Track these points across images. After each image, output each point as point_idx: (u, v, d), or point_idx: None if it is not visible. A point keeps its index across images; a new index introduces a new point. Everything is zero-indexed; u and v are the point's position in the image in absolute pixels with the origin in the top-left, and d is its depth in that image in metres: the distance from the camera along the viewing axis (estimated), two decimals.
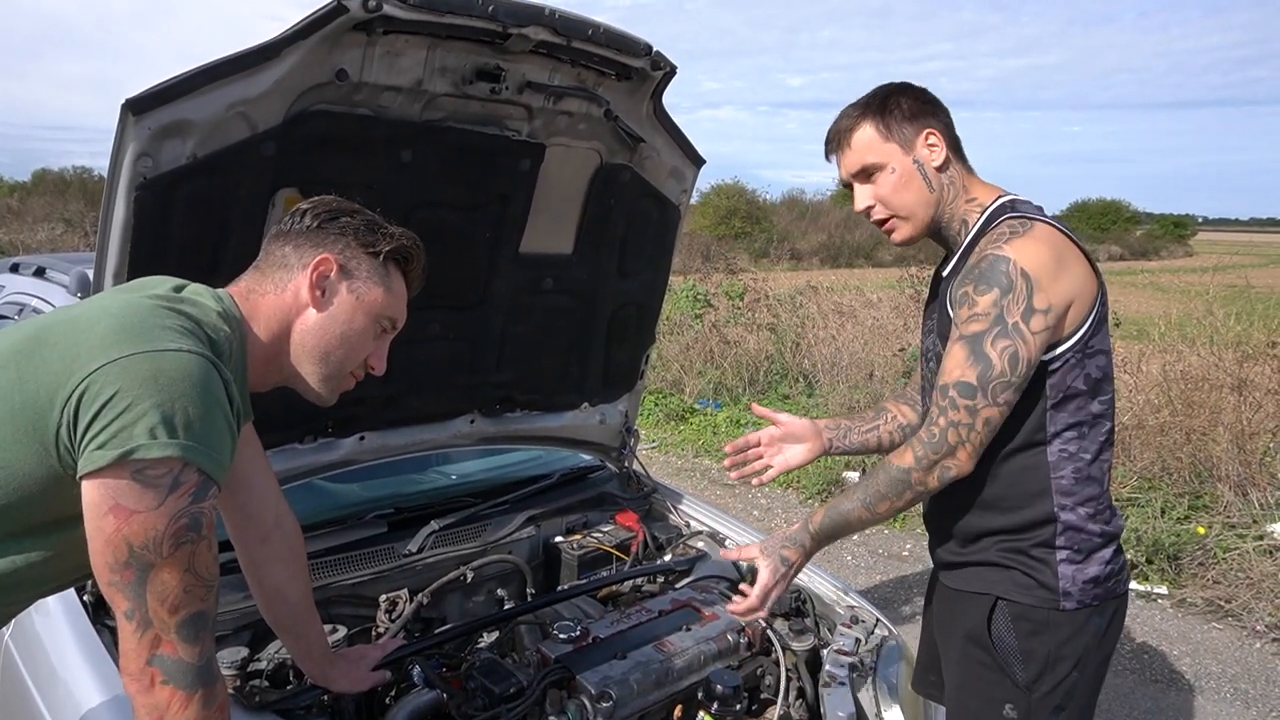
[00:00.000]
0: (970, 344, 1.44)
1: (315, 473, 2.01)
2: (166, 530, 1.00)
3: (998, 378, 1.43)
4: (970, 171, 1.61)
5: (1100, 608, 1.54)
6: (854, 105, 1.61)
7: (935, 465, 1.48)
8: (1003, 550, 1.56)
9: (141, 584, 1.01)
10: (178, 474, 1.00)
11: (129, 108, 1.38)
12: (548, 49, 1.77)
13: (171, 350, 1.03)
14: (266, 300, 1.25)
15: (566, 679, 1.64)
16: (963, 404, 1.44)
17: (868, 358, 7.61)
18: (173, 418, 1.00)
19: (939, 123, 1.57)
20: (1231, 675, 3.55)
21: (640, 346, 2.52)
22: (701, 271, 11.10)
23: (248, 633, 1.76)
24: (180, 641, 1.03)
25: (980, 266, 1.45)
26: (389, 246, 1.29)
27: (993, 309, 1.42)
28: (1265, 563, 4.10)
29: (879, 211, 1.60)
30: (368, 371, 1.36)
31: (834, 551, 4.83)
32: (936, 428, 1.47)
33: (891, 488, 1.53)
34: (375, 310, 1.30)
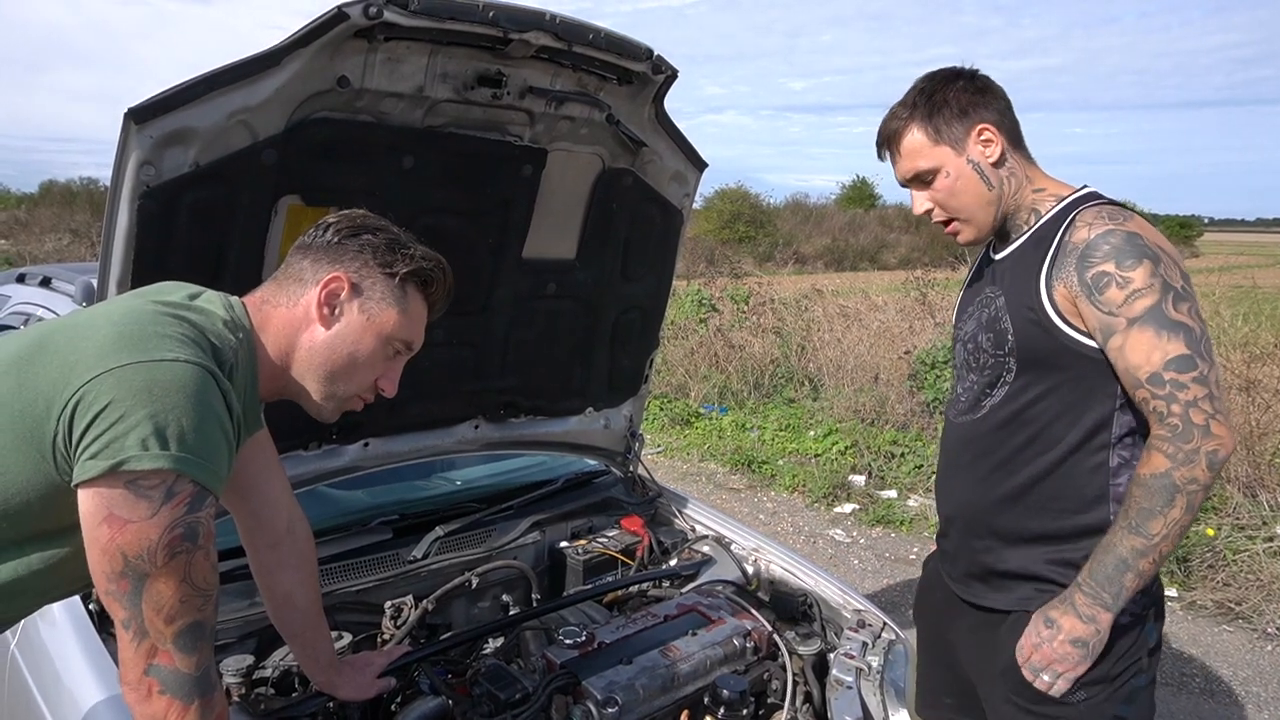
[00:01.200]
0: (1151, 320, 1.31)
1: (320, 479, 2.01)
2: (160, 540, 1.00)
3: (1202, 335, 1.32)
4: (1033, 162, 1.54)
5: (1150, 621, 1.47)
6: (901, 103, 1.53)
7: (1197, 453, 1.30)
8: (1050, 562, 1.46)
9: (137, 594, 1.01)
10: (171, 485, 1.00)
11: (131, 116, 1.39)
12: (549, 54, 1.77)
13: (168, 360, 1.03)
14: (278, 313, 1.25)
15: (572, 685, 1.64)
16: (1188, 379, 1.30)
17: (873, 361, 7.59)
18: (165, 429, 0.99)
19: (992, 114, 1.48)
20: (1243, 678, 3.52)
21: (644, 351, 2.51)
22: (706, 276, 11.10)
23: (253, 640, 1.76)
24: (177, 651, 1.03)
25: (1110, 242, 1.35)
26: (406, 268, 1.26)
27: (1153, 279, 1.32)
28: (1275, 564, 4.07)
29: (939, 214, 1.55)
30: (377, 394, 1.33)
31: (841, 556, 4.81)
32: (1175, 418, 1.30)
33: (1155, 499, 1.32)
34: (387, 332, 1.26)
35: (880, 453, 6.10)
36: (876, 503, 5.51)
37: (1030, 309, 1.43)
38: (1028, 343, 1.45)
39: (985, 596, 1.56)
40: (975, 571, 1.58)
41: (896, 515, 5.31)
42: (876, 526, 5.23)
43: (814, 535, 5.12)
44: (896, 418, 6.66)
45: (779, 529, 5.20)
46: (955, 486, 1.63)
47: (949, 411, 1.68)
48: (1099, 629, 1.38)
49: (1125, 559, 1.35)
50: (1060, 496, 1.45)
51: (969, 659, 1.63)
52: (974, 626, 1.60)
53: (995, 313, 1.51)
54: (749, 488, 6.02)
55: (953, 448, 1.65)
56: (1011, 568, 1.51)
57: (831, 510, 5.50)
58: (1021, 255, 1.50)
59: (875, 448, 6.16)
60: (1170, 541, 1.33)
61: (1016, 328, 1.46)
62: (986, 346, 1.52)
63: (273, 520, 1.48)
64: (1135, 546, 1.34)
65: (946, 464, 1.67)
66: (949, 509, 1.65)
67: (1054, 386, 1.44)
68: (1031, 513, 1.48)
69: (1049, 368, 1.44)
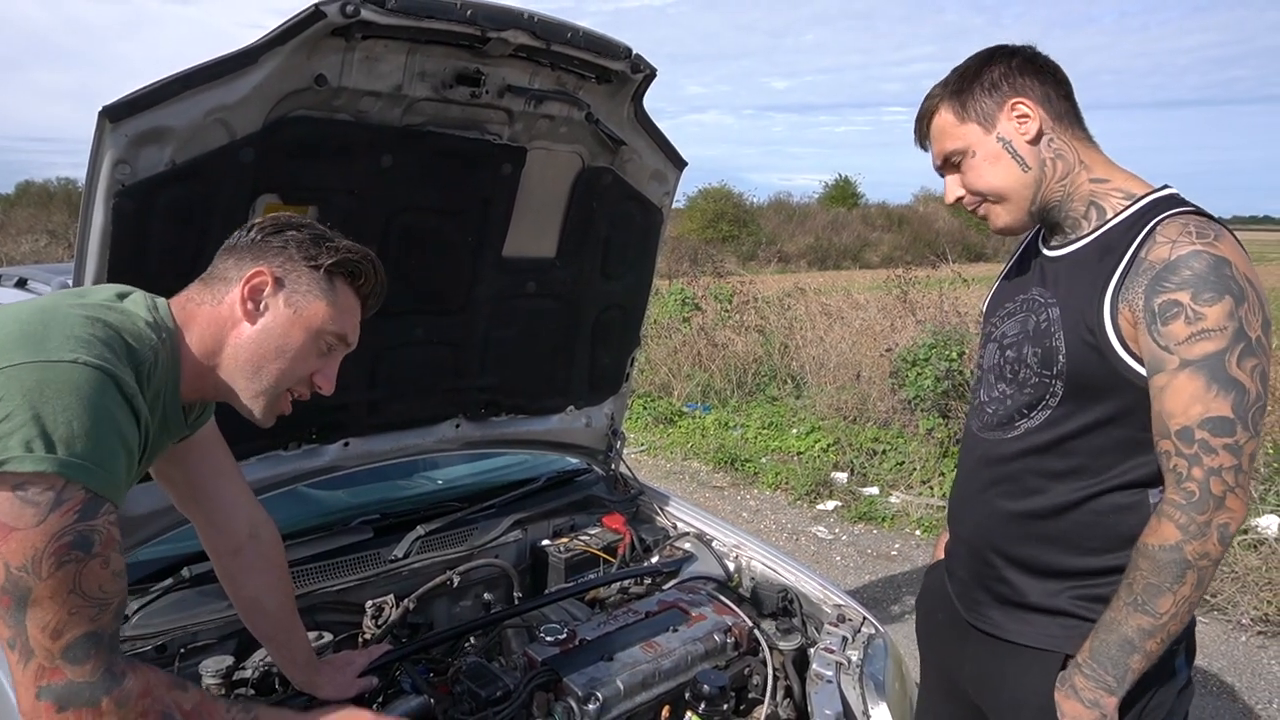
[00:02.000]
0: (1206, 368, 1.17)
1: (300, 479, 2.00)
2: (46, 549, 0.95)
3: (1254, 403, 1.17)
4: (1093, 146, 1.37)
5: (1181, 653, 1.36)
6: (941, 82, 1.42)
7: (1209, 526, 1.18)
8: (1076, 598, 1.34)
9: (20, 611, 0.95)
10: (59, 491, 0.96)
11: (106, 115, 1.38)
12: (527, 53, 1.77)
13: (66, 361, 0.99)
14: (203, 311, 1.22)
15: (554, 681, 1.64)
16: (1220, 444, 1.17)
17: (855, 359, 7.64)
18: (52, 432, 0.96)
19: (1036, 89, 1.34)
20: (1218, 669, 3.58)
21: (625, 349, 2.52)
22: (689, 275, 11.12)
23: (233, 641, 1.75)
24: (67, 665, 0.97)
25: (1193, 268, 1.18)
26: (331, 260, 1.24)
27: (1229, 322, 1.16)
28: (1250, 556, 4.14)
29: (969, 200, 1.41)
30: (315, 391, 1.30)
31: (823, 552, 4.84)
32: (1193, 483, 1.18)
33: (1164, 575, 1.20)
34: (315, 325, 1.24)
35: (862, 450, 6.14)
36: (859, 500, 5.54)
37: (1090, 330, 1.27)
38: (1081, 368, 1.30)
39: (1001, 626, 1.44)
40: (989, 599, 1.46)
41: (878, 512, 5.34)
42: (859, 523, 5.26)
43: (797, 532, 5.14)
44: (878, 415, 6.71)
45: (762, 526, 5.23)
46: (972, 507, 1.50)
47: (972, 422, 1.54)
48: (1105, 713, 1.28)
49: (1131, 639, 1.24)
50: (1093, 536, 1.32)
51: (976, 686, 1.52)
52: (983, 654, 1.48)
53: (1046, 325, 1.35)
54: (732, 486, 6.04)
55: (974, 465, 1.51)
56: (1033, 601, 1.39)
57: (814, 507, 5.53)
58: (1082, 261, 1.33)
59: (857, 445, 6.20)
60: (1179, 621, 1.22)
61: (1070, 349, 1.30)
62: (1031, 362, 1.36)
63: (231, 526, 1.46)
64: (1142, 626, 1.23)
65: (965, 481, 1.54)
66: (964, 530, 1.53)
67: (1104, 419, 1.30)
68: (1058, 547, 1.36)
69: (1101, 398, 1.29)
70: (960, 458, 1.59)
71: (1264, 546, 4.16)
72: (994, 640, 1.46)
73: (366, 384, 2.01)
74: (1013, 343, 1.42)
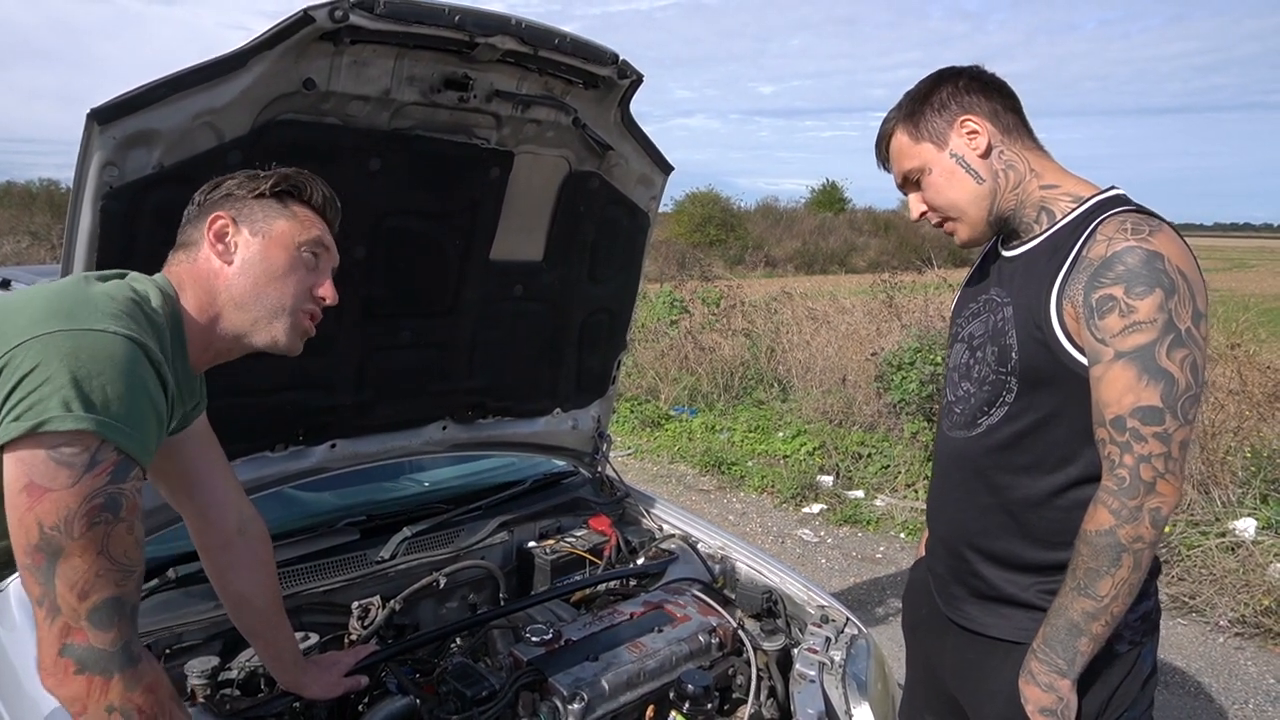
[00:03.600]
0: (1139, 359, 1.22)
1: (286, 481, 2.01)
2: (79, 510, 0.98)
3: (1184, 393, 1.22)
4: (1043, 155, 1.43)
5: (1148, 643, 1.42)
6: (895, 106, 1.48)
7: (1141, 510, 1.23)
8: (1043, 591, 1.39)
9: (51, 569, 0.99)
10: (94, 451, 1.00)
11: (94, 117, 1.38)
12: (515, 58, 1.79)
13: (97, 330, 1.03)
14: (185, 270, 1.28)
15: (539, 681, 1.65)
16: (1149, 432, 1.22)
17: (841, 363, 7.68)
18: (90, 393, 0.99)
19: (983, 106, 1.40)
20: (1196, 669, 3.62)
21: (612, 352, 2.54)
22: (677, 279, 11.15)
23: (219, 642, 1.75)
24: (92, 629, 1.01)
25: (1126, 263, 1.23)
26: (270, 184, 1.31)
27: (1159, 314, 1.21)
28: (1228, 559, 4.19)
29: (932, 216, 1.48)
30: (321, 304, 1.35)
31: (809, 555, 4.87)
32: (1124, 470, 1.24)
33: (1101, 559, 1.26)
34: (288, 240, 1.30)
35: (848, 453, 6.17)
36: (844, 503, 5.57)
37: (1038, 326, 1.33)
38: (1032, 363, 1.35)
39: (976, 620, 1.49)
40: (965, 594, 1.51)
41: (864, 515, 5.38)
42: (844, 526, 5.29)
43: (783, 535, 5.17)
44: (864, 419, 6.75)
45: (748, 529, 5.25)
46: (946, 505, 1.56)
47: (942, 422, 1.59)
48: (1061, 696, 1.33)
49: (1076, 623, 1.29)
50: (1063, 531, 1.35)
51: (956, 679, 1.57)
52: (961, 646, 1.53)
53: (1001, 324, 1.41)
54: (718, 489, 6.06)
55: (946, 464, 1.56)
56: (1005, 594, 1.44)
57: (800, 510, 5.56)
58: (1033, 260, 1.39)
59: (843, 448, 6.23)
60: (1121, 602, 1.27)
61: (1022, 346, 1.36)
62: (990, 360, 1.42)
63: (222, 520, 1.48)
64: (1085, 609, 1.28)
65: (939, 480, 1.60)
66: (940, 528, 1.58)
67: (1057, 412, 1.35)
68: (1026, 541, 1.41)
69: (1052, 391, 1.35)
70: (934, 457, 1.63)
71: (1241, 549, 4.21)
72: (970, 634, 1.51)
73: (354, 386, 2.02)
74: (980, 342, 1.47)
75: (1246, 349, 5.45)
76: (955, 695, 1.58)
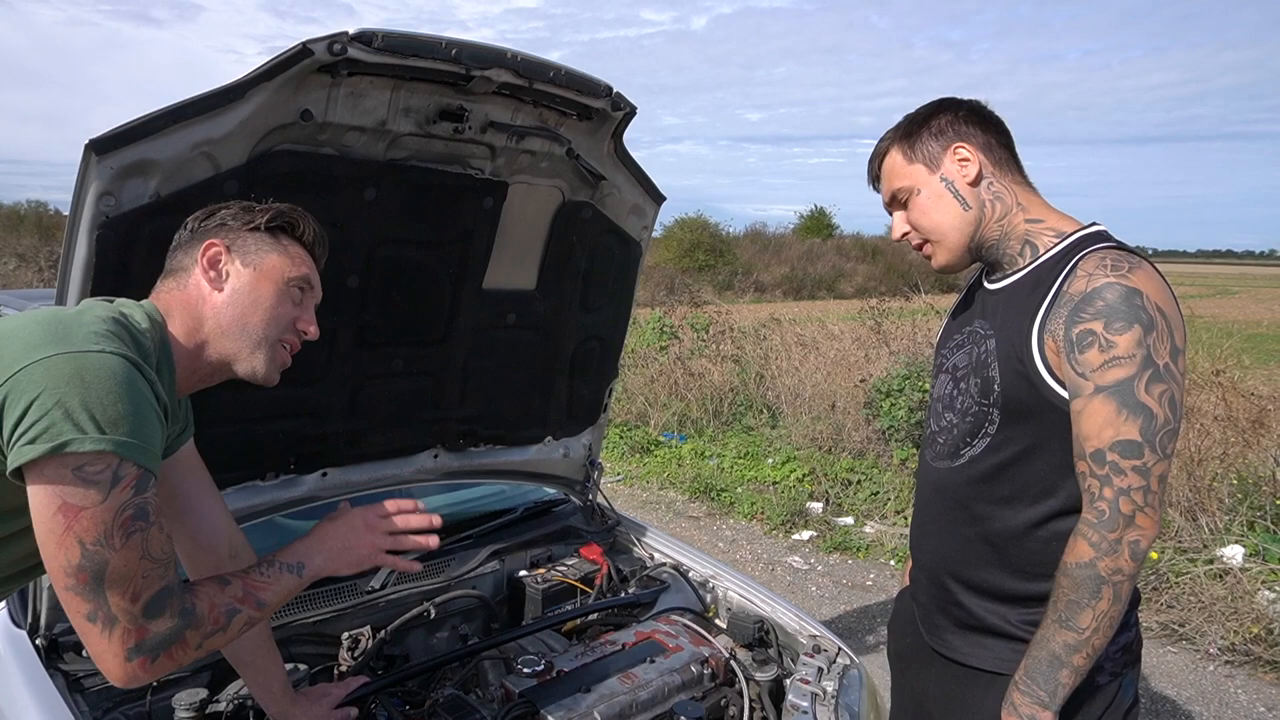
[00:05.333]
0: (1118, 394, 1.24)
1: (277, 509, 2.00)
2: (115, 523, 1.02)
3: (1163, 427, 1.24)
4: (1030, 190, 1.46)
5: (1129, 674, 1.44)
6: (892, 128, 1.52)
7: (1120, 543, 1.25)
8: (1025, 622, 1.41)
9: (99, 582, 1.02)
10: (116, 469, 1.03)
11: (93, 148, 1.39)
12: (510, 90, 1.81)
13: (94, 351, 1.06)
14: (174, 297, 1.30)
15: (531, 713, 1.64)
16: (1128, 465, 1.24)
17: (830, 389, 7.70)
18: (101, 414, 1.02)
19: (978, 137, 1.44)
20: (1186, 698, 3.62)
21: (603, 380, 2.54)
22: (666, 304, 11.19)
23: (207, 674, 1.73)
24: (150, 621, 1.06)
25: (1105, 299, 1.26)
26: (265, 218, 1.34)
27: (1137, 349, 1.24)
28: (1216, 586, 4.20)
29: (913, 237, 1.51)
30: (302, 337, 1.38)
31: (799, 583, 4.85)
32: (1104, 503, 1.26)
33: (1082, 591, 1.27)
34: (278, 275, 1.33)
35: (837, 480, 6.18)
36: (834, 529, 5.57)
37: (1020, 360, 1.36)
38: (1014, 394, 1.37)
39: (959, 650, 1.51)
40: (948, 623, 1.53)
41: (853, 542, 5.37)
42: (834, 553, 5.29)
43: (772, 562, 5.15)
44: (853, 445, 6.76)
45: (738, 556, 5.23)
46: (929, 534, 1.57)
47: (925, 452, 1.61)
48: None
49: (1058, 655, 1.31)
50: (1044, 563, 1.37)
51: (940, 709, 1.58)
52: (944, 677, 1.55)
53: (985, 356, 1.43)
54: (708, 515, 6.05)
55: (928, 494, 1.58)
56: (987, 625, 1.46)
57: (789, 537, 5.55)
58: (1016, 294, 1.42)
59: (832, 475, 6.24)
60: (1102, 635, 1.29)
61: (1004, 378, 1.38)
62: (972, 391, 1.45)
63: (213, 544, 1.48)
64: (1067, 642, 1.30)
65: (921, 509, 1.61)
66: (923, 557, 1.59)
67: (1038, 444, 1.37)
68: (1007, 572, 1.43)
69: (1034, 424, 1.37)
70: (917, 487, 1.65)
71: (1229, 576, 4.22)
72: (954, 664, 1.52)
73: (346, 414, 2.01)
74: (964, 374, 1.50)
75: (1231, 375, 5.51)
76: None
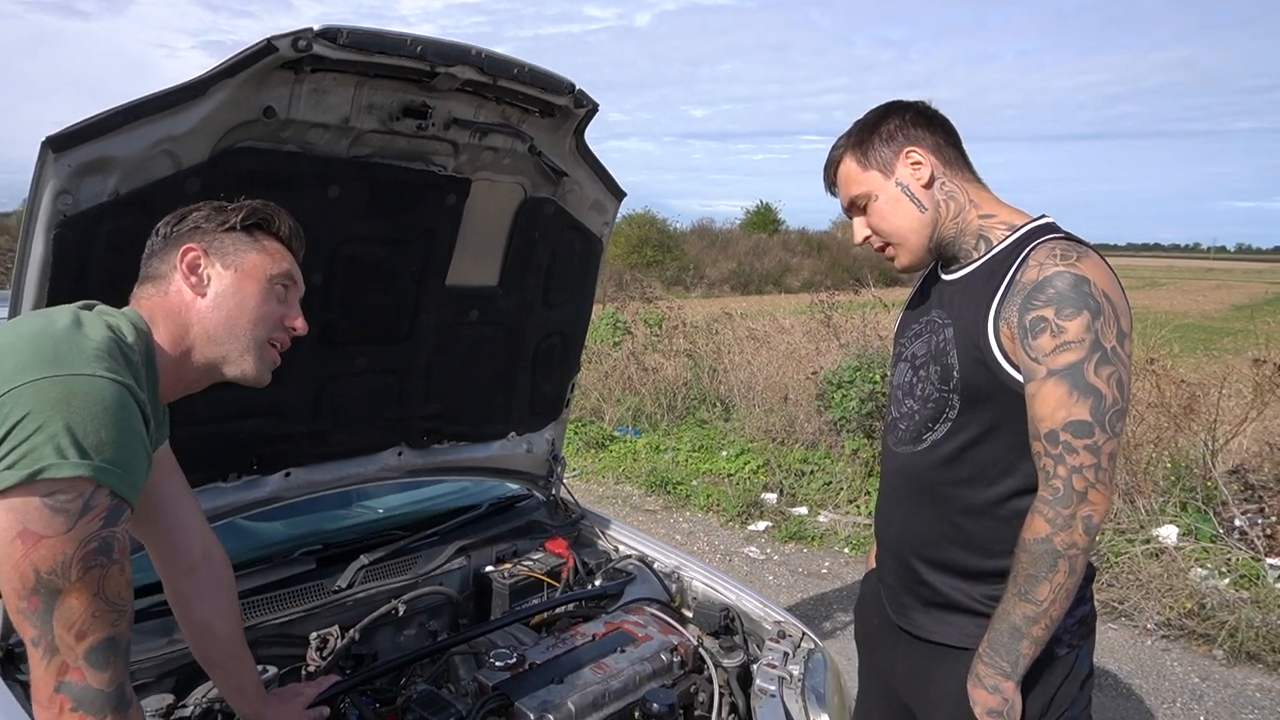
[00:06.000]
0: (1069, 377, 1.30)
1: (240, 511, 1.97)
2: (75, 555, 1.00)
3: (1111, 407, 1.30)
4: (981, 187, 1.52)
5: (1085, 646, 1.50)
6: (844, 134, 1.56)
7: (1074, 519, 1.31)
8: (987, 598, 1.46)
9: (49, 611, 1.00)
10: (89, 497, 1.01)
11: (50, 145, 1.36)
12: (474, 87, 1.81)
13: (84, 375, 1.04)
14: (156, 304, 1.27)
15: (505, 706, 1.65)
16: (1080, 444, 1.30)
17: (782, 381, 7.81)
18: (83, 439, 1.00)
19: (928, 139, 1.49)
20: (1126, 672, 3.78)
21: (565, 376, 2.56)
22: (617, 300, 11.20)
23: (171, 679, 1.71)
24: (89, 668, 1.02)
25: (1056, 286, 1.32)
26: (239, 217, 1.31)
27: (1086, 334, 1.30)
28: (1153, 565, 4.39)
29: (875, 240, 1.55)
30: (291, 334, 1.36)
31: (756, 572, 4.93)
32: (1058, 480, 1.32)
33: (1039, 565, 1.33)
34: (260, 273, 1.31)
35: (791, 470, 6.28)
36: (788, 519, 5.66)
37: (977, 347, 1.41)
38: (972, 380, 1.43)
39: (925, 628, 1.56)
40: (914, 602, 1.58)
41: (808, 531, 5.47)
42: (789, 543, 5.38)
43: (730, 553, 5.22)
44: (805, 436, 6.87)
45: (695, 548, 5.29)
46: (894, 517, 1.62)
47: (888, 437, 1.66)
48: (1005, 698, 1.40)
49: (1018, 627, 1.37)
50: (1004, 540, 1.41)
51: (907, 687, 1.63)
52: (911, 654, 1.60)
53: (943, 344, 1.49)
54: (664, 509, 6.10)
55: (892, 478, 1.64)
56: (952, 601, 1.51)
57: (745, 528, 5.63)
58: (972, 284, 1.48)
59: (786, 466, 6.34)
60: (1059, 606, 1.35)
61: (963, 364, 1.44)
62: (933, 379, 1.50)
63: (187, 545, 1.47)
64: (1026, 614, 1.36)
65: (886, 493, 1.66)
66: (889, 539, 1.64)
67: (996, 426, 1.43)
68: (969, 550, 1.48)
69: (992, 408, 1.42)
70: (881, 472, 1.71)
71: (1164, 555, 4.41)
72: (920, 642, 1.57)
73: (310, 413, 2.00)
74: (923, 362, 1.55)
75: (1163, 364, 5.73)
76: (907, 703, 1.64)
